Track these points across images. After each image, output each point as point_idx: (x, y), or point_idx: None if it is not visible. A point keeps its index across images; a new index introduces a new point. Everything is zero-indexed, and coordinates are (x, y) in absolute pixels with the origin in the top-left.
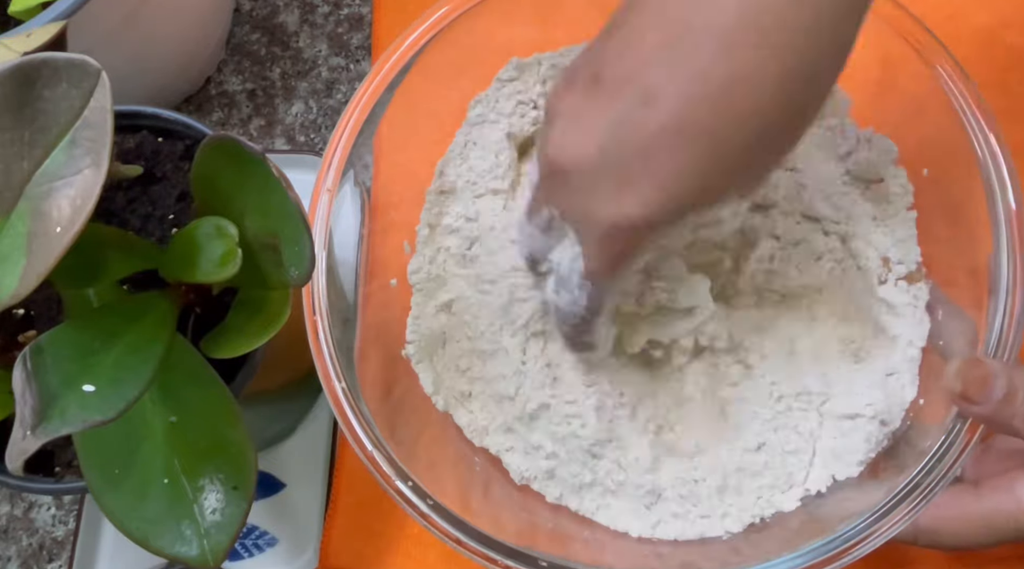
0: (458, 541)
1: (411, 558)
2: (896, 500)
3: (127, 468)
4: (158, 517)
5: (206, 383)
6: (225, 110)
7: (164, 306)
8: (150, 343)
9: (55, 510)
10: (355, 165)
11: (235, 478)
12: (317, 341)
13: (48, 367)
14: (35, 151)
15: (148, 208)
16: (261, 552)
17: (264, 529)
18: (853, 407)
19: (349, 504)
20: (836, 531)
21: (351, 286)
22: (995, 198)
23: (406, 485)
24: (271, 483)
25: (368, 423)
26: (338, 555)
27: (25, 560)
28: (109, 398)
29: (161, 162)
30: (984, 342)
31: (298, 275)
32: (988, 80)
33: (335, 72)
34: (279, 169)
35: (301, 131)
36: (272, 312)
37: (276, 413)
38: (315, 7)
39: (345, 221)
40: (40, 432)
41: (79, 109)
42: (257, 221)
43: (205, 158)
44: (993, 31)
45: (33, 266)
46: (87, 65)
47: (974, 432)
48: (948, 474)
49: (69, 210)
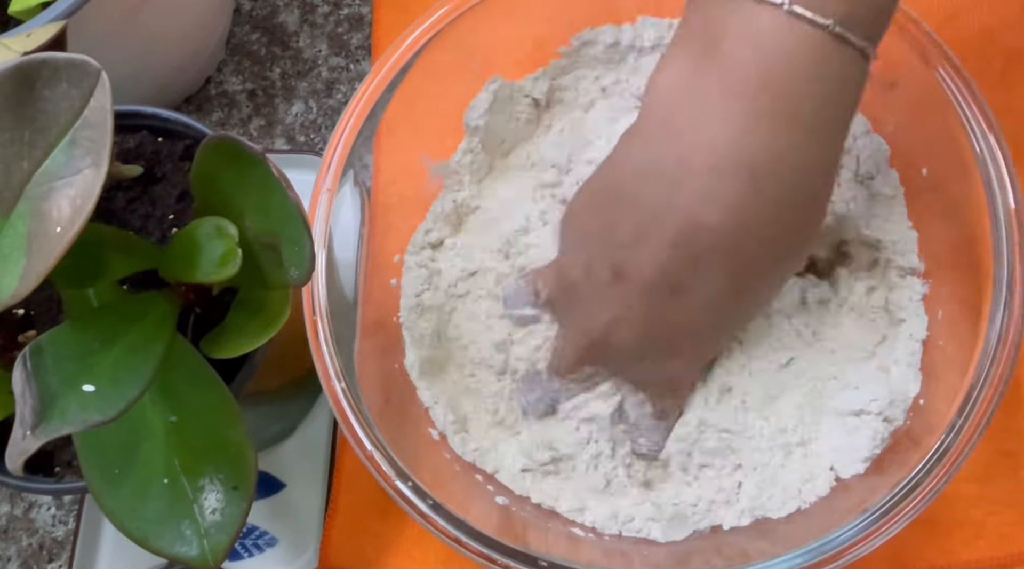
0: (458, 541)
1: (411, 558)
2: (897, 499)
3: (127, 468)
4: (158, 517)
5: (206, 383)
6: (225, 110)
7: (164, 306)
8: (150, 343)
9: (55, 510)
10: (355, 165)
11: (235, 478)
12: (317, 341)
13: (48, 367)
14: (35, 151)
15: (148, 208)
16: (261, 552)
17: (264, 529)
18: (857, 403)
19: (349, 504)
20: (836, 531)
21: (351, 286)
22: (995, 198)
23: (406, 485)
24: (271, 483)
25: (368, 423)
26: (338, 555)
27: (25, 560)
28: (109, 398)
29: (161, 162)
30: (984, 342)
31: (298, 275)
32: (988, 80)
33: (335, 72)
34: (279, 169)
35: (301, 131)
36: (272, 312)
37: (276, 413)
38: (315, 7)
39: (345, 221)
40: (40, 432)
41: (79, 109)
42: (257, 221)
43: (205, 158)
44: (993, 31)
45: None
46: (87, 65)
47: (975, 430)
48: (950, 472)
49: (69, 210)
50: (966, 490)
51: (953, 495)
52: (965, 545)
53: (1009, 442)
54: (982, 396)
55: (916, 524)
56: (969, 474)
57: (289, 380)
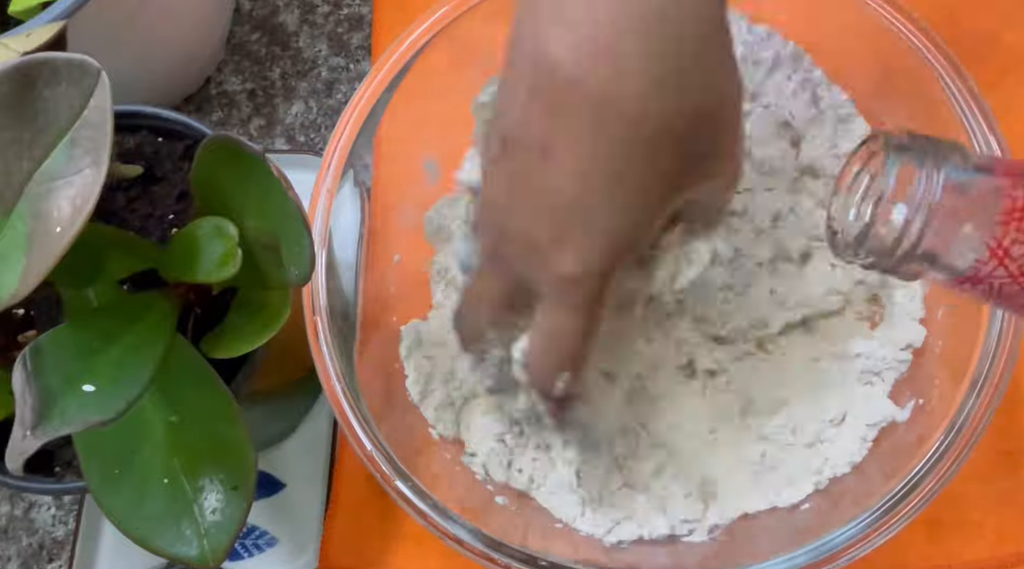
0: (458, 541)
1: (411, 558)
2: (897, 499)
3: (127, 468)
4: (158, 517)
5: (206, 383)
6: (225, 110)
7: (164, 306)
8: (150, 343)
9: (55, 510)
10: (355, 165)
11: (235, 478)
12: (317, 341)
13: (48, 367)
14: (35, 151)
15: (148, 208)
16: (261, 552)
17: (264, 529)
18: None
19: (349, 504)
20: (835, 531)
21: (351, 286)
22: None
23: (406, 485)
24: (271, 483)
25: (368, 423)
26: (338, 555)
27: (25, 560)
28: (109, 398)
29: (161, 162)
30: (984, 342)
31: (298, 275)
32: (988, 80)
33: (335, 72)
34: (279, 169)
35: (301, 131)
36: (272, 312)
37: (276, 413)
38: (315, 7)
39: (345, 221)
40: (40, 432)
41: (79, 109)
42: (257, 221)
43: (205, 158)
44: (993, 31)
45: (33, 266)
46: (87, 65)
47: (975, 430)
48: (950, 472)
49: (69, 210)
50: (966, 490)
51: (953, 495)
52: (965, 545)
53: (1009, 442)
54: (982, 396)
55: (916, 524)
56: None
57: (289, 380)
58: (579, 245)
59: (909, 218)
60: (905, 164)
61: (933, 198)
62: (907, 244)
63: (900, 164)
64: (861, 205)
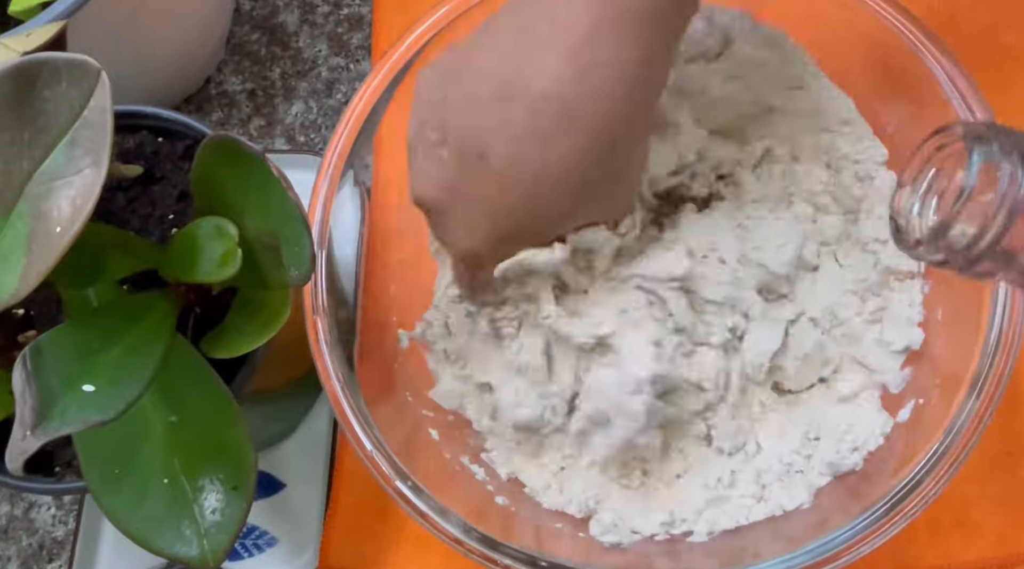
0: (458, 541)
1: (411, 558)
2: (897, 499)
3: (127, 468)
4: (158, 517)
5: (206, 383)
6: (225, 110)
7: (164, 306)
8: (150, 343)
9: (55, 510)
10: (355, 165)
11: (235, 478)
12: (317, 341)
13: (48, 367)
14: (35, 151)
15: (148, 208)
16: (261, 552)
17: (264, 529)
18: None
19: (349, 504)
20: (835, 531)
21: (351, 286)
22: None
23: (406, 485)
24: (271, 483)
25: (368, 423)
26: (338, 555)
27: (25, 560)
28: (109, 398)
29: (161, 162)
30: (984, 342)
31: (298, 275)
32: (988, 80)
33: (335, 72)
34: (279, 169)
35: (301, 131)
36: (272, 312)
37: (276, 413)
38: (315, 7)
39: (345, 221)
40: (40, 432)
41: (79, 109)
42: (257, 221)
43: (205, 158)
44: (993, 31)
45: (33, 266)
46: (87, 65)
47: (975, 430)
48: (950, 472)
49: (69, 210)
50: (966, 490)
51: (953, 495)
52: (965, 545)
53: (1009, 442)
54: (982, 396)
55: (916, 524)
56: (969, 474)
57: (289, 380)
58: (483, 232)
59: (993, 214)
60: (988, 157)
61: (1018, 193)
62: (986, 242)
63: (983, 157)
64: (926, 198)
